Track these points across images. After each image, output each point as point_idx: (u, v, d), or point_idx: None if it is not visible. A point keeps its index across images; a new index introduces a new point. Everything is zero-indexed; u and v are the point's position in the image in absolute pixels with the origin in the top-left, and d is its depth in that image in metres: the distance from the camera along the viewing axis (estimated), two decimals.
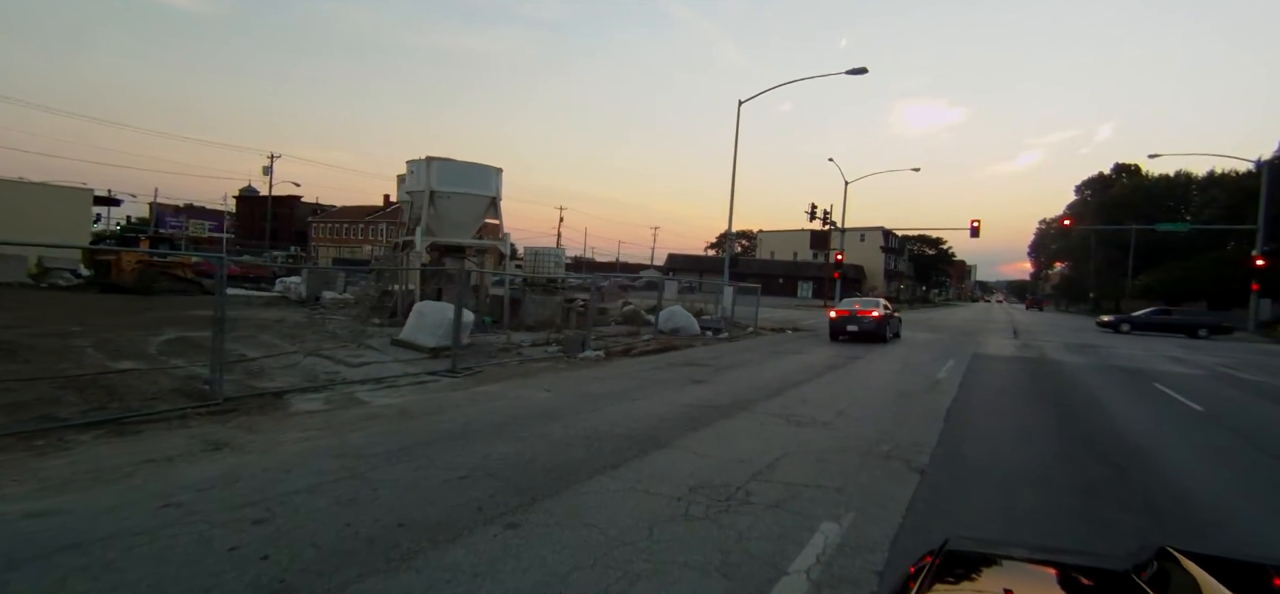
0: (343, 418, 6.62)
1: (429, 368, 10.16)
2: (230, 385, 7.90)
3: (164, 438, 5.55)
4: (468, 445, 5.58)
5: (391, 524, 3.74)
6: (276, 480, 4.46)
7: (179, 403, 6.83)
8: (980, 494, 5.01)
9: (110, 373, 7.98)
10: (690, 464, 5.29)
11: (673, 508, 4.22)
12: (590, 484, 4.65)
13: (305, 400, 7.50)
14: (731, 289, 22.37)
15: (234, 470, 4.65)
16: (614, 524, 3.89)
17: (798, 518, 4.14)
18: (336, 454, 5.16)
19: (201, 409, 6.62)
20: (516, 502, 4.21)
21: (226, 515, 3.78)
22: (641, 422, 6.84)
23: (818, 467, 5.38)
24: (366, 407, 7.30)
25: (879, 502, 4.55)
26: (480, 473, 4.80)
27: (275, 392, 7.80)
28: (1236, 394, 11.38)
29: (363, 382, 8.82)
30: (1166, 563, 1.30)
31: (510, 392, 8.47)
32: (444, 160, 15.28)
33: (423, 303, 12.47)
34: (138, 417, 6.18)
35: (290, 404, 7.28)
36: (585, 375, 10.16)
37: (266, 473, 4.62)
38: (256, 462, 4.91)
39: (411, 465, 4.93)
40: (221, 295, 7.12)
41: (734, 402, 8.25)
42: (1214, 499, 5.24)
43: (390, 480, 4.54)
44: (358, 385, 8.55)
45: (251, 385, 8.05)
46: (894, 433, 6.82)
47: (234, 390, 7.63)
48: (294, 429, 6.01)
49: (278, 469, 4.73)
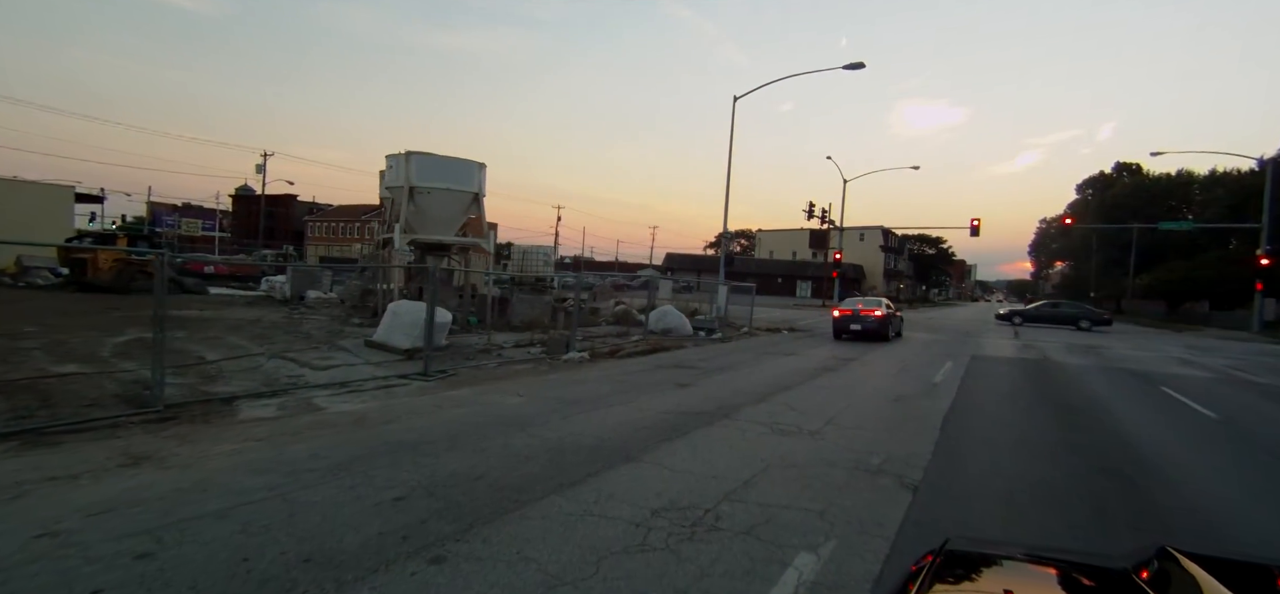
0: (291, 427, 6.11)
1: (401, 371, 9.67)
2: (180, 390, 7.42)
3: (83, 450, 5.05)
4: (417, 459, 5.08)
5: (296, 559, 3.23)
6: (186, 502, 3.95)
7: (117, 410, 6.32)
8: (979, 515, 4.51)
9: (50, 377, 7.48)
10: (658, 481, 4.78)
11: (629, 536, 3.72)
12: (541, 506, 4.15)
13: (256, 407, 7.00)
14: (726, 288, 21.86)
15: (142, 490, 4.15)
16: (556, 557, 3.38)
17: (770, 548, 3.63)
18: (266, 469, 4.66)
19: (138, 417, 6.12)
20: (451, 528, 3.71)
21: (107, 547, 3.28)
22: (613, 431, 6.34)
23: (799, 484, 4.87)
24: (321, 414, 6.79)
25: (864, 527, 4.04)
26: (420, 492, 4.30)
27: (226, 397, 7.30)
28: (1249, 399, 10.87)
29: (326, 386, 8.32)
30: (1166, 563, 1.30)
31: (480, 397, 7.96)
32: (423, 154, 14.75)
33: (397, 303, 11.96)
34: (64, 426, 5.69)
35: (239, 411, 6.78)
36: (564, 379, 9.66)
37: (178, 493, 4.12)
38: (173, 479, 4.41)
39: (346, 483, 4.43)
40: (161, 295, 6.60)
41: (717, 408, 7.74)
42: (1241, 519, 4.73)
43: (316, 502, 4.04)
44: (319, 390, 8.05)
45: (203, 390, 7.55)
46: (886, 443, 6.31)
47: (182, 396, 7.14)
48: (231, 440, 5.51)
49: (193, 488, 4.22)
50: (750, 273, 56.25)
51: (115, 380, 7.68)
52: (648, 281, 22.09)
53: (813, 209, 43.05)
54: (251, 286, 25.78)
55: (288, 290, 21.24)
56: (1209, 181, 57.13)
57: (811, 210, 42.97)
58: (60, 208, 25.72)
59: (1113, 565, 1.37)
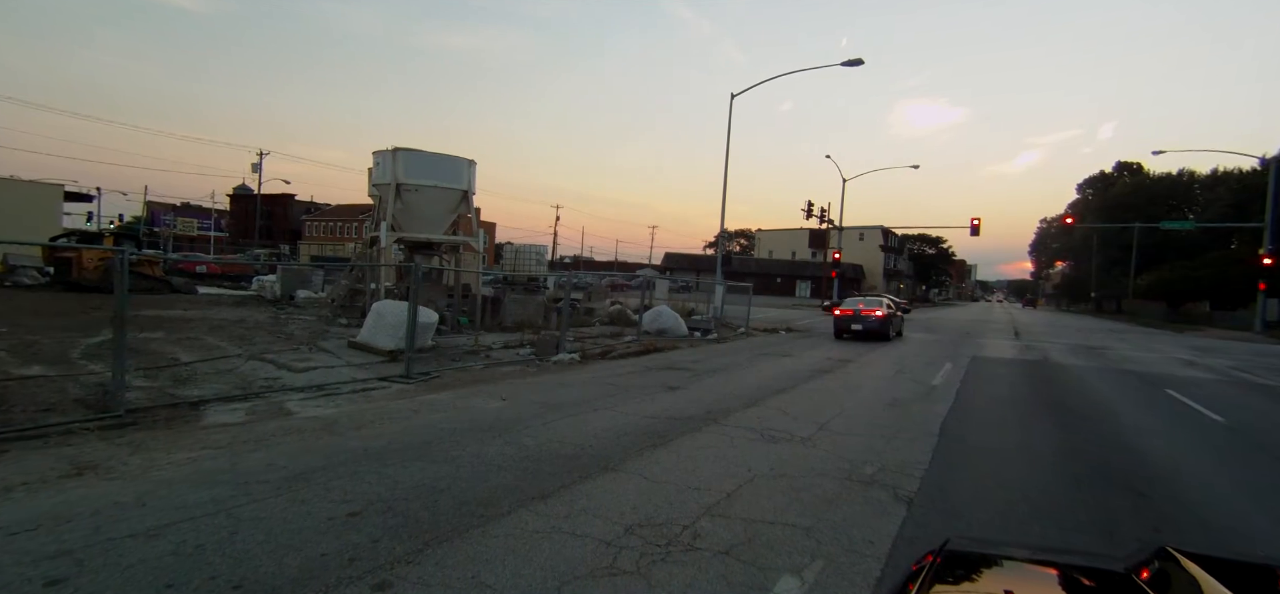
0: (255, 433, 5.81)
1: (382, 372, 9.37)
2: (146, 394, 7.13)
3: (28, 459, 4.76)
4: (380, 469, 4.78)
5: (226, 585, 2.94)
6: (120, 519, 3.65)
7: (75, 415, 6.02)
8: (979, 532, 4.20)
9: (9, 380, 7.18)
10: (636, 493, 4.48)
11: (598, 556, 3.42)
12: (506, 522, 3.85)
13: (224, 411, 6.70)
14: (722, 288, 21.56)
15: (76, 504, 3.85)
16: (515, 582, 3.09)
17: (750, 570, 3.34)
18: (216, 481, 4.36)
19: (96, 423, 5.82)
20: (404, 548, 3.41)
21: (20, 571, 2.98)
22: (595, 437, 6.04)
23: (787, 496, 4.57)
24: (291, 419, 6.49)
25: (854, 545, 3.74)
26: (377, 507, 4.00)
27: (194, 401, 7.00)
28: (1256, 401, 10.57)
29: (302, 389, 8.02)
30: (1166, 563, 1.30)
31: (461, 400, 7.66)
32: (410, 151, 14.42)
33: (381, 303, 11.65)
34: (14, 432, 5.38)
35: (204, 416, 6.48)
36: (551, 381, 9.36)
37: (115, 507, 3.82)
38: (114, 491, 4.11)
39: (298, 496, 4.13)
40: (122, 294, 6.29)
41: (706, 412, 7.44)
42: (1261, 537, 4.43)
43: (261, 518, 3.74)
44: (294, 393, 7.75)
45: (171, 394, 7.25)
46: (881, 451, 6.01)
47: (148, 400, 6.85)
48: (188, 448, 5.21)
49: (132, 502, 3.92)
50: (749, 272, 55.95)
51: (80, 383, 7.38)
52: (644, 281, 21.76)
53: (812, 208, 42.69)
54: (243, 286, 25.46)
55: (277, 290, 20.93)
56: (1211, 181, 56.83)
57: (811, 210, 42.60)
58: (49, 206, 25.36)
59: (1113, 566, 1.36)
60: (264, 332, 12.75)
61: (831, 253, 42.22)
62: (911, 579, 1.27)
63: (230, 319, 14.51)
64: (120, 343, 6.25)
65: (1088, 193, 75.33)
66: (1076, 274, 79.61)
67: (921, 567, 1.33)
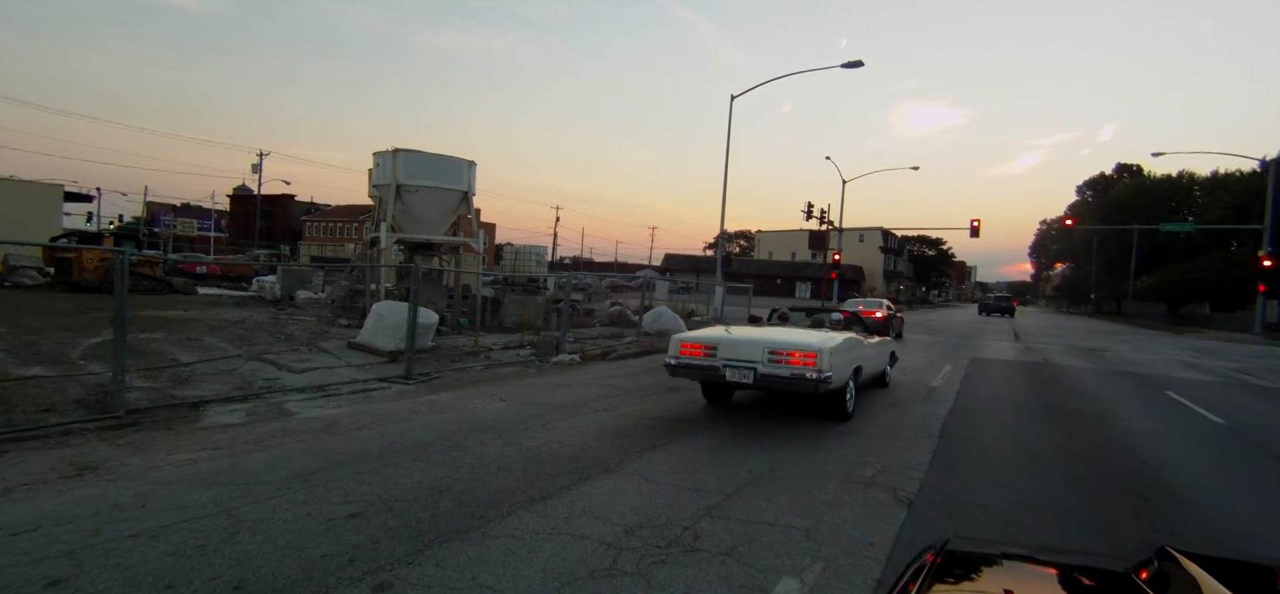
0: (255, 434, 5.82)
1: (382, 373, 9.37)
2: (146, 395, 7.12)
3: (29, 460, 4.76)
4: (381, 470, 4.78)
5: (226, 586, 2.94)
6: (121, 519, 3.66)
7: (75, 415, 6.03)
8: (980, 534, 4.20)
9: (9, 380, 7.18)
10: (636, 494, 4.49)
11: (598, 558, 3.42)
12: (506, 523, 3.85)
13: (224, 412, 6.71)
14: (722, 289, 21.57)
15: (77, 505, 3.85)
16: (515, 583, 3.09)
17: (750, 572, 3.34)
18: (217, 482, 4.36)
19: (96, 423, 5.83)
20: (405, 549, 3.41)
21: (20, 572, 2.98)
22: (595, 439, 6.04)
23: (786, 497, 4.57)
24: (290, 420, 6.49)
25: (854, 547, 3.75)
26: (378, 508, 4.00)
27: (194, 401, 7.00)
28: (1256, 404, 10.56)
29: (302, 389, 8.02)
30: (1166, 563, 1.29)
31: (461, 401, 7.67)
32: (410, 152, 14.43)
33: (381, 303, 11.66)
34: (13, 433, 5.38)
35: (204, 416, 6.48)
36: (551, 382, 9.36)
37: (116, 508, 3.82)
38: (115, 492, 4.11)
39: (299, 497, 4.13)
40: (122, 294, 6.30)
41: (704, 413, 7.44)
42: (1261, 537, 4.43)
43: (262, 519, 3.74)
44: (294, 394, 7.75)
45: (171, 394, 7.25)
46: (881, 452, 6.02)
47: (148, 400, 6.85)
48: (188, 449, 5.21)
49: (133, 503, 3.93)
50: (749, 274, 55.95)
51: (80, 383, 7.37)
52: (644, 282, 21.77)
53: (811, 209, 42.66)
54: (243, 287, 25.46)
55: (277, 290, 20.93)
56: (1211, 183, 56.83)
57: (810, 211, 42.58)
58: (49, 207, 25.37)
59: (1113, 566, 1.36)
60: (264, 332, 12.74)
61: (831, 254, 42.23)
62: (911, 579, 1.27)
63: (230, 320, 14.51)
64: (120, 343, 6.26)
65: (1087, 194, 75.36)
66: (1076, 276, 79.59)
67: (921, 566, 1.34)
